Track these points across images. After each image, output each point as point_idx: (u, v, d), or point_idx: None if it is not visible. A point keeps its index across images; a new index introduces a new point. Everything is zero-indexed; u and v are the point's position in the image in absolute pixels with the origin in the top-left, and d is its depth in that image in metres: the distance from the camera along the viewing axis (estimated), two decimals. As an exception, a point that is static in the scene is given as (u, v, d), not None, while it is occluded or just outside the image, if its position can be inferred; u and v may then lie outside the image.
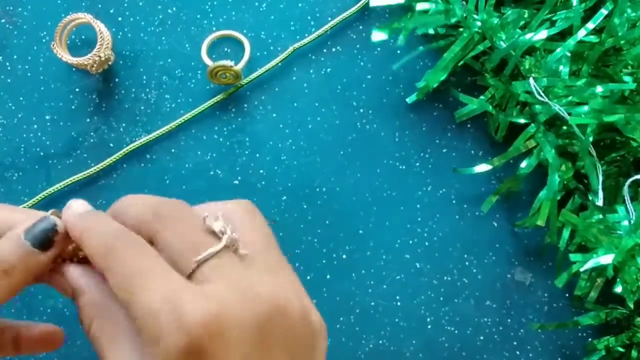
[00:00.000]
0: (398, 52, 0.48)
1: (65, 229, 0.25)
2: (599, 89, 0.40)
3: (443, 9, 0.43)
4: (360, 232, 0.46)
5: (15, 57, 0.47)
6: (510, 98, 0.43)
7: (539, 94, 0.40)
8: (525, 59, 0.42)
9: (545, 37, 0.41)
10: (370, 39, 0.47)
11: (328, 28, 0.47)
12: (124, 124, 0.47)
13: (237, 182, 0.46)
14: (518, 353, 0.44)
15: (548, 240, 0.43)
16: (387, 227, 0.46)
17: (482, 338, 0.44)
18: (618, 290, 0.40)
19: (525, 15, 0.42)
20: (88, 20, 0.45)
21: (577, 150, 0.42)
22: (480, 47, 0.43)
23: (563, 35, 0.43)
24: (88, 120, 0.47)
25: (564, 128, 0.42)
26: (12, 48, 0.48)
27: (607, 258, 0.38)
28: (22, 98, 0.47)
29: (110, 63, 0.47)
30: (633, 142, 0.41)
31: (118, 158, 0.46)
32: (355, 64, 0.47)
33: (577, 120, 0.40)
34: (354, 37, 0.48)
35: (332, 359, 0.44)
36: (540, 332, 0.44)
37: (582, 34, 0.41)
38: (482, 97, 0.45)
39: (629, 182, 0.40)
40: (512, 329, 0.44)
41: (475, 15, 0.43)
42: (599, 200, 0.41)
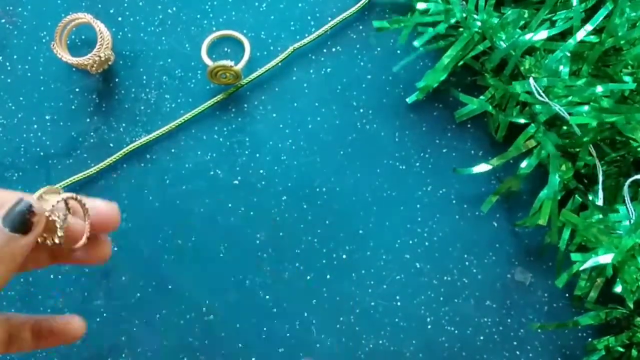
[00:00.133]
0: (398, 52, 0.48)
1: (43, 209, 0.25)
2: (599, 89, 0.40)
3: (443, 9, 0.43)
4: (360, 232, 0.46)
5: (16, 57, 0.47)
6: (510, 98, 0.43)
7: (539, 94, 0.40)
8: (525, 59, 0.42)
9: (546, 37, 0.41)
10: (370, 39, 0.48)
11: (328, 28, 0.47)
12: (124, 124, 0.47)
13: (237, 182, 0.46)
14: (518, 353, 0.44)
15: (548, 240, 0.43)
16: (387, 227, 0.46)
17: (482, 338, 0.44)
18: (618, 290, 0.40)
19: (525, 16, 0.42)
20: (88, 20, 0.45)
21: (577, 150, 0.42)
22: (480, 47, 0.43)
23: (563, 35, 0.43)
24: (88, 120, 0.47)
25: (564, 128, 0.42)
26: (12, 48, 0.48)
27: (606, 257, 0.38)
28: (22, 98, 0.47)
29: (110, 63, 0.47)
30: (633, 142, 0.41)
31: (118, 158, 0.46)
32: (355, 64, 0.48)
33: (577, 120, 0.40)
34: (354, 37, 0.48)
35: (332, 359, 0.44)
36: (540, 332, 0.44)
37: (582, 34, 0.41)
38: (482, 97, 0.45)
39: (629, 182, 0.40)
40: (512, 329, 0.44)
41: (475, 16, 0.43)
42: (599, 200, 0.41)
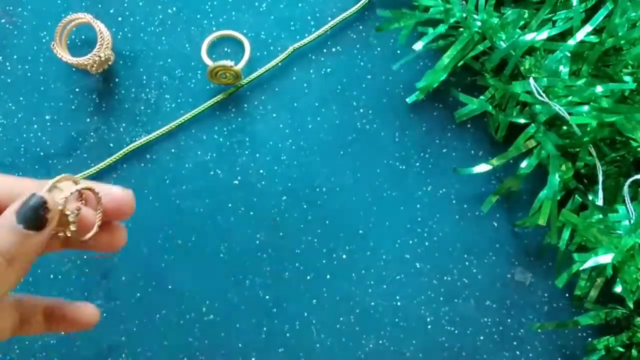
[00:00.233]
0: (398, 52, 0.48)
1: (55, 203, 0.24)
2: (599, 89, 0.40)
3: (443, 9, 0.43)
4: (360, 232, 0.46)
5: (16, 57, 0.47)
6: (510, 98, 0.43)
7: (539, 94, 0.40)
8: (525, 59, 0.42)
9: (546, 37, 0.41)
10: (370, 40, 0.48)
11: (328, 28, 0.47)
12: (124, 124, 0.47)
13: (237, 182, 0.46)
14: (518, 353, 0.44)
15: (548, 240, 0.43)
16: (387, 227, 0.46)
17: (482, 338, 0.44)
18: (618, 290, 0.40)
19: (525, 16, 0.42)
20: (88, 20, 0.45)
21: (577, 150, 0.42)
22: (480, 47, 0.43)
23: (563, 35, 0.43)
24: (88, 120, 0.47)
25: (564, 128, 0.42)
26: (12, 48, 0.48)
27: (606, 257, 0.38)
28: (22, 98, 0.47)
29: (110, 63, 0.47)
30: (633, 142, 0.41)
31: (118, 158, 0.46)
32: (355, 64, 0.48)
33: (577, 120, 0.40)
34: (354, 37, 0.48)
35: (332, 359, 0.44)
36: (540, 332, 0.44)
37: (582, 34, 0.41)
38: (482, 97, 0.45)
39: (629, 182, 0.40)
40: (512, 329, 0.45)
41: (475, 16, 0.43)
42: (599, 200, 0.41)
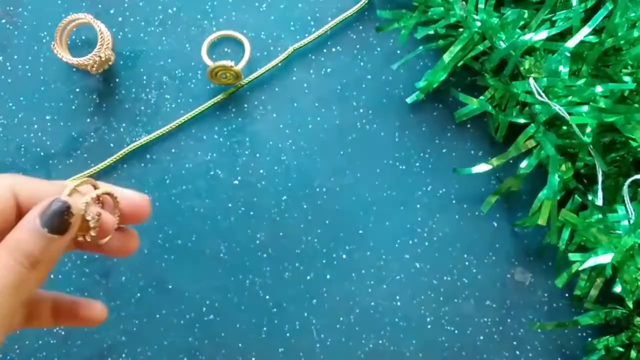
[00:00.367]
0: (398, 52, 0.48)
1: (78, 208, 0.25)
2: (599, 89, 0.40)
3: (443, 9, 0.43)
4: (360, 232, 0.46)
5: (16, 57, 0.48)
6: (510, 98, 0.43)
7: (539, 94, 0.40)
8: (525, 59, 0.42)
9: (545, 37, 0.41)
10: (370, 40, 0.48)
11: (328, 28, 0.47)
12: (124, 124, 0.47)
13: (237, 182, 0.46)
14: (518, 353, 0.44)
15: (548, 240, 0.43)
16: (387, 227, 0.46)
17: (482, 338, 0.45)
18: (617, 290, 0.40)
19: (525, 16, 0.42)
20: (88, 21, 0.45)
21: (576, 150, 0.42)
22: (480, 47, 0.43)
23: (563, 36, 0.43)
24: (88, 121, 0.47)
25: (564, 128, 0.42)
26: (12, 48, 0.48)
27: (606, 257, 0.38)
28: (22, 98, 0.47)
29: (111, 63, 0.47)
30: (633, 142, 0.41)
31: (118, 158, 0.46)
32: (355, 64, 0.48)
33: (577, 120, 0.40)
34: (354, 37, 0.48)
35: (332, 359, 0.44)
36: (540, 331, 0.44)
37: (581, 34, 0.41)
38: (481, 97, 0.45)
39: (629, 182, 0.40)
40: (511, 329, 0.45)
41: (475, 16, 0.43)
42: (599, 200, 0.41)
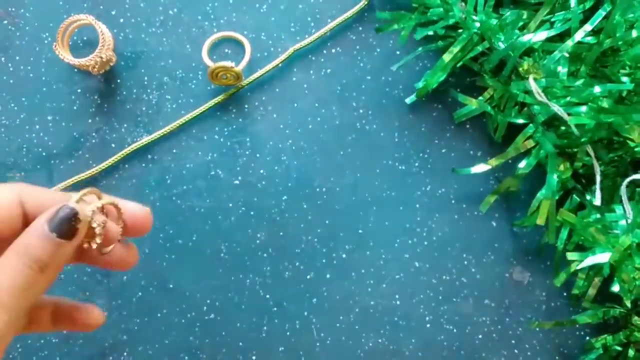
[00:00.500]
0: (397, 53, 0.48)
1: (85, 215, 0.25)
2: (597, 90, 0.40)
3: (442, 10, 0.43)
4: (360, 232, 0.46)
5: (18, 58, 0.48)
6: (509, 98, 0.43)
7: (539, 94, 0.41)
8: (524, 60, 0.43)
9: (544, 38, 0.41)
10: (370, 41, 0.48)
11: (328, 29, 0.47)
12: (126, 125, 0.47)
13: (237, 182, 0.46)
14: (516, 352, 0.45)
15: (546, 240, 0.43)
16: (386, 226, 0.46)
17: (480, 337, 0.45)
18: (615, 289, 0.40)
19: (524, 17, 0.43)
20: (90, 22, 0.45)
21: (575, 151, 0.42)
22: (479, 48, 0.43)
23: (561, 36, 0.43)
24: (90, 121, 0.47)
25: (562, 128, 0.42)
26: (14, 49, 0.48)
27: (604, 257, 0.38)
28: (24, 99, 0.47)
29: (112, 64, 0.47)
30: (630, 142, 0.41)
31: (119, 158, 0.46)
32: (355, 65, 0.48)
33: (576, 121, 0.40)
34: (354, 38, 0.48)
35: (332, 358, 0.45)
36: (538, 330, 0.45)
37: (580, 35, 0.41)
38: (480, 97, 0.45)
39: (627, 182, 0.40)
40: (510, 328, 0.45)
41: (474, 16, 0.43)
42: (597, 200, 0.41)
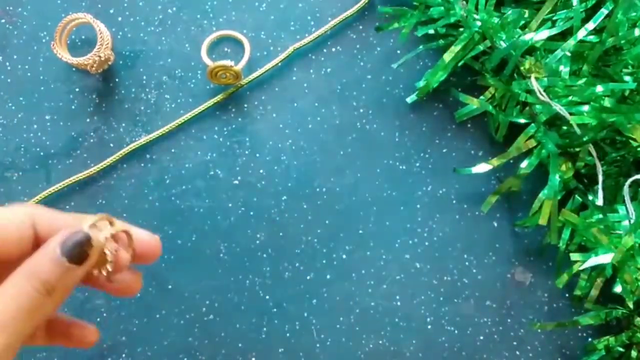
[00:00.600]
0: (398, 52, 0.48)
1: (99, 241, 0.25)
2: (599, 89, 0.40)
3: (443, 9, 0.43)
4: (360, 232, 0.46)
5: (16, 57, 0.47)
6: (511, 98, 0.43)
7: (541, 93, 0.40)
8: (526, 59, 0.42)
9: (546, 37, 0.41)
10: (370, 39, 0.48)
11: (328, 28, 0.47)
12: (124, 124, 0.47)
13: (237, 182, 0.46)
14: (518, 353, 0.44)
15: (548, 240, 0.43)
16: (387, 227, 0.46)
17: (481, 338, 0.44)
18: (618, 290, 0.40)
19: (526, 15, 0.42)
20: (88, 20, 0.45)
21: (577, 150, 0.42)
22: (481, 47, 0.43)
23: (563, 35, 0.43)
24: (88, 120, 0.47)
25: (564, 128, 0.42)
26: (12, 48, 0.48)
27: (606, 257, 0.38)
28: (22, 98, 0.47)
29: (110, 63, 0.47)
30: (633, 142, 0.41)
31: (118, 158, 0.46)
32: (355, 64, 0.48)
33: (578, 120, 0.40)
34: (354, 37, 0.48)
35: (332, 359, 0.44)
36: (540, 331, 0.44)
37: (582, 34, 0.41)
38: (482, 97, 0.45)
39: (629, 182, 0.40)
40: (512, 329, 0.45)
41: (476, 15, 0.43)
42: (599, 200, 0.41)
